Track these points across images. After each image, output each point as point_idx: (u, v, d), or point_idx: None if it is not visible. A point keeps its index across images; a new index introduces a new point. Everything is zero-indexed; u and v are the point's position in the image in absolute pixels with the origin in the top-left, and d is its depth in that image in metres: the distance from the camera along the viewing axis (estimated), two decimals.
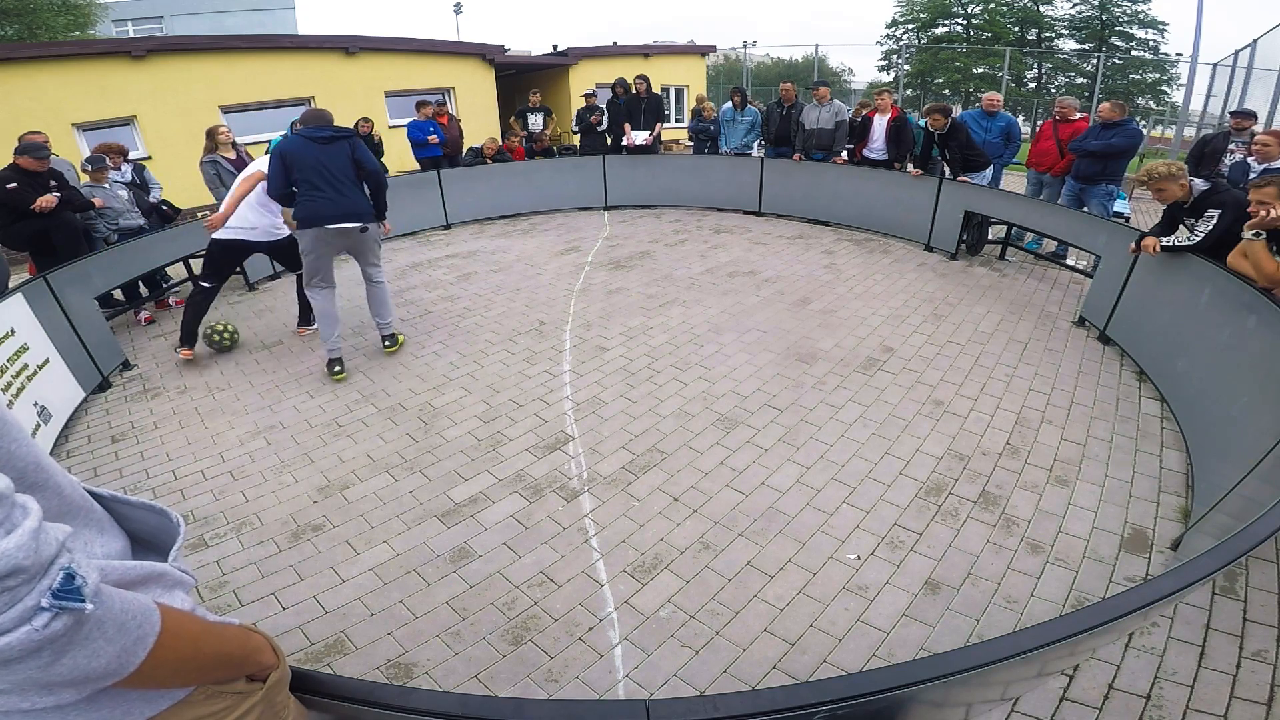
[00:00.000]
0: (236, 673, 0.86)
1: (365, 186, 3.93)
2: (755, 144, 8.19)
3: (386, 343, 4.45)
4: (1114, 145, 5.28)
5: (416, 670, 2.14)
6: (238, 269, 5.54)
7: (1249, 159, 4.69)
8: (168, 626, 0.70)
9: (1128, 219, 6.66)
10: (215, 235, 4.16)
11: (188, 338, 4.37)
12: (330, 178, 3.75)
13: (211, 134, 5.72)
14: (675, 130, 14.92)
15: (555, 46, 16.19)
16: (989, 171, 6.35)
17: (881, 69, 29.39)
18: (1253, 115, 5.49)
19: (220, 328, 4.58)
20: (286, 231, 4.34)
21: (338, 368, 4.15)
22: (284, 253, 4.47)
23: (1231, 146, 5.23)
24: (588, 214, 8.48)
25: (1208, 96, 12.64)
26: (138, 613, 0.66)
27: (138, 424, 3.73)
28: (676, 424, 3.52)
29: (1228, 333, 3.18)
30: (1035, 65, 26.85)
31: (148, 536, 0.92)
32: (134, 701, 0.74)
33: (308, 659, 2.18)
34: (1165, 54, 24.42)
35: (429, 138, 8.01)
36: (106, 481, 3.21)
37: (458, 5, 27.38)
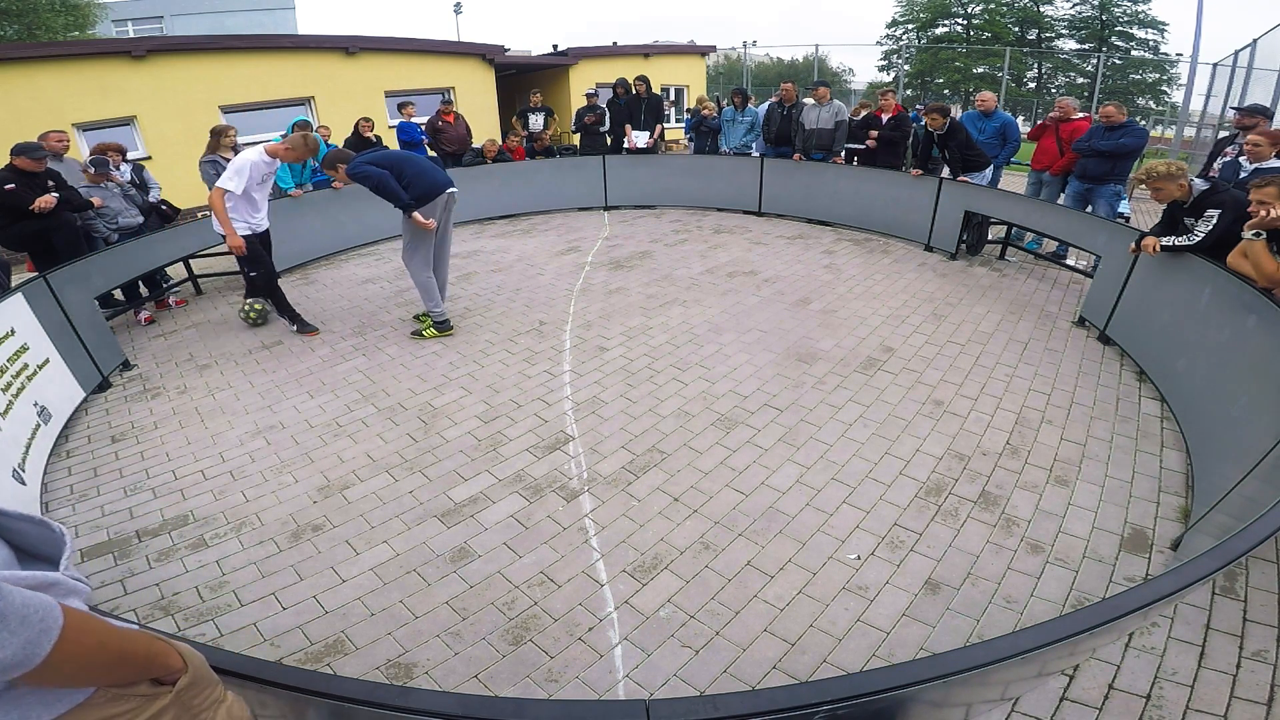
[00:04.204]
0: (140, 675, 0.88)
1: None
2: (754, 144, 8.20)
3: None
4: (1125, 145, 5.27)
5: (416, 670, 2.14)
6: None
7: (1240, 159, 4.53)
8: (71, 622, 0.73)
9: (1128, 219, 6.67)
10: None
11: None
12: (426, 162, 4.43)
13: (218, 134, 5.70)
14: (676, 130, 14.91)
15: (555, 46, 16.16)
16: (989, 171, 6.35)
17: (881, 69, 29.45)
18: (1263, 112, 4.83)
19: (249, 306, 5.04)
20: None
21: (449, 327, 4.82)
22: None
23: (1229, 149, 4.94)
24: (588, 214, 8.48)
25: (1208, 96, 12.63)
26: (39, 606, 0.69)
27: (138, 424, 3.73)
28: (676, 424, 3.52)
29: (1228, 333, 3.18)
30: (1035, 65, 26.87)
31: (31, 547, 0.94)
32: (31, 706, 0.76)
33: (308, 659, 2.18)
34: (1165, 54, 24.47)
35: (422, 140, 8.12)
36: (106, 481, 3.21)
37: (458, 5, 27.39)
